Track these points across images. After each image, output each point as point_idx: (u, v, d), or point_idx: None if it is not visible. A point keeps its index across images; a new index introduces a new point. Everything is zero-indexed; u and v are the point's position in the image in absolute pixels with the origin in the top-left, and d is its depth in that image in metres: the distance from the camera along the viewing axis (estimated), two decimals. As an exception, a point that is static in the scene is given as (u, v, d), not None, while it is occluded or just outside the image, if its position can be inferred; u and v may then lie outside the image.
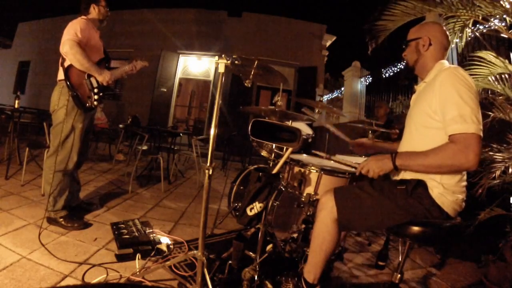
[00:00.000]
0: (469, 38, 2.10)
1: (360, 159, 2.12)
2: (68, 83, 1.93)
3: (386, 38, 2.22)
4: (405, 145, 1.34)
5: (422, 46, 1.29)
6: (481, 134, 1.06)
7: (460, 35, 2.07)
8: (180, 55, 10.23)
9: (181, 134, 4.49)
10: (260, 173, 1.45)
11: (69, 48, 1.87)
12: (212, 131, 1.26)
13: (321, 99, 8.52)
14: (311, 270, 1.29)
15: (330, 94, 9.27)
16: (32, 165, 3.47)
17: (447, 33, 1.33)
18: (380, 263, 1.98)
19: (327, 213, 1.23)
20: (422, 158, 1.13)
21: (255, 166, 2.34)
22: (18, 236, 1.76)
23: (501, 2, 1.77)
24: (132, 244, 1.76)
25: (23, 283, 1.31)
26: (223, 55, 1.26)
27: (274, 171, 1.50)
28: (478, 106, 1.09)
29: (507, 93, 1.89)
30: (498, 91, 1.95)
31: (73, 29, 1.89)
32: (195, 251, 1.30)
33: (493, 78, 2.00)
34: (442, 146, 1.11)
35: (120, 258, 1.66)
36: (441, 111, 1.13)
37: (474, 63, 2.02)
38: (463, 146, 1.04)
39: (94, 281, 1.42)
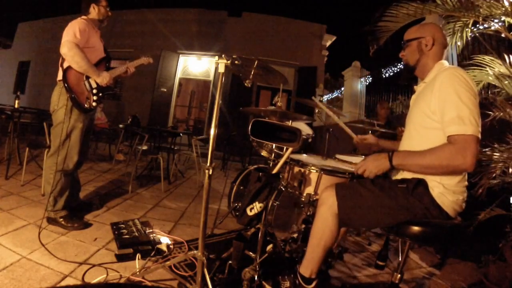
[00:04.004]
0: (469, 39, 2.10)
1: (361, 159, 2.12)
2: (66, 85, 1.93)
3: (387, 39, 2.22)
4: (404, 146, 1.34)
5: (425, 45, 1.29)
6: (479, 136, 1.06)
7: (460, 35, 2.07)
8: (180, 55, 10.22)
9: (181, 134, 4.49)
10: (260, 173, 1.45)
11: (67, 50, 1.87)
12: (212, 131, 1.26)
13: (321, 99, 8.52)
14: (308, 266, 1.28)
15: (330, 94, 9.26)
16: (32, 165, 3.47)
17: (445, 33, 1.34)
18: (380, 263, 1.98)
19: (327, 207, 1.23)
20: (419, 158, 1.14)
21: (255, 166, 2.34)
22: (18, 236, 1.76)
23: (501, 2, 1.77)
24: (132, 244, 1.76)
25: (23, 283, 1.31)
26: (223, 55, 1.26)
27: (274, 171, 1.50)
28: (477, 108, 1.09)
29: (506, 90, 1.89)
30: (498, 85, 1.95)
31: (72, 30, 1.89)
32: (195, 251, 1.30)
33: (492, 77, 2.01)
34: (439, 146, 1.11)
35: (120, 258, 1.66)
36: (440, 111, 1.13)
37: (475, 67, 2.03)
38: (461, 147, 1.04)
39: (94, 281, 1.42)
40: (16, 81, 12.55)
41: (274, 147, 1.93)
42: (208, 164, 1.25)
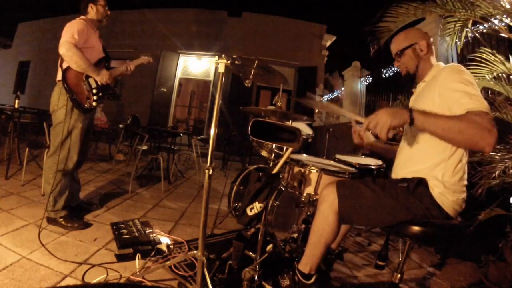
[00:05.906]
0: (469, 38, 2.10)
1: (361, 159, 2.12)
2: (65, 86, 1.93)
3: (388, 39, 2.23)
4: (405, 147, 1.34)
5: (420, 51, 1.31)
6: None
7: (459, 35, 2.07)
8: (180, 55, 10.22)
9: (181, 134, 4.49)
10: (260, 173, 1.45)
11: (66, 50, 1.87)
12: (212, 131, 1.26)
13: (321, 99, 8.53)
14: (308, 262, 1.28)
15: (330, 94, 9.26)
16: (32, 165, 3.47)
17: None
18: (380, 263, 1.98)
19: (328, 205, 1.23)
20: (445, 118, 1.06)
21: (255, 166, 2.35)
22: (18, 236, 1.76)
23: (501, 2, 1.78)
24: (132, 244, 1.76)
25: (23, 283, 1.31)
26: (223, 55, 1.26)
27: (274, 171, 1.50)
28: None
29: (507, 92, 1.89)
30: (498, 90, 1.96)
31: (70, 31, 1.89)
32: (195, 251, 1.30)
33: (490, 77, 2.01)
34: (465, 114, 1.03)
35: (120, 258, 1.66)
36: (446, 101, 1.12)
37: (474, 63, 2.03)
38: (488, 122, 1.00)
39: (94, 281, 1.42)
40: (16, 81, 12.54)
41: (274, 147, 1.93)
42: (208, 164, 1.25)
